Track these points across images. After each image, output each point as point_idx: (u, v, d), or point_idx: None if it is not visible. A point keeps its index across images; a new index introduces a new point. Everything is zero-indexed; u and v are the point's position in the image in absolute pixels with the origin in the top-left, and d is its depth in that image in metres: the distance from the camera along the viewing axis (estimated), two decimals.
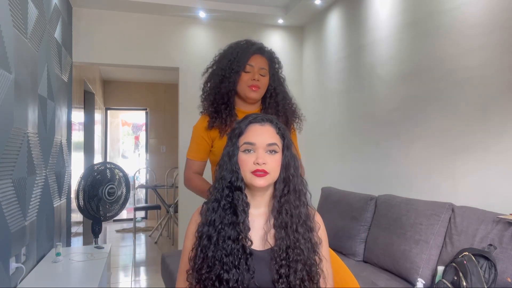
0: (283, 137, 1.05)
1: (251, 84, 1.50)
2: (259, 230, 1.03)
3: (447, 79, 2.42)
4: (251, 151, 1.00)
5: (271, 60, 1.59)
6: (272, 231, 1.02)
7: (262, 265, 0.99)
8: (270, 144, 1.00)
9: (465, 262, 1.73)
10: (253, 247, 1.00)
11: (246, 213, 1.00)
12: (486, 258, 1.71)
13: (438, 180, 2.48)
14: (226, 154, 1.03)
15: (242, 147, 1.01)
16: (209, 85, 1.60)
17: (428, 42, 2.58)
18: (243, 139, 1.01)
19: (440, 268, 1.90)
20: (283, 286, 0.96)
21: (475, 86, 2.23)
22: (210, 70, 1.63)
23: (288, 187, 1.03)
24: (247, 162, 0.99)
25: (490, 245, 1.79)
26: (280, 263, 0.98)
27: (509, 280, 1.68)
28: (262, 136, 1.01)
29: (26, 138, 2.09)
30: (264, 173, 0.98)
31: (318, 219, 1.09)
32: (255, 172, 0.98)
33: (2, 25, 1.72)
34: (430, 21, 2.57)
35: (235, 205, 1.00)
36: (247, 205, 1.01)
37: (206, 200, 1.08)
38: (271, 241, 1.02)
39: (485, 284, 1.66)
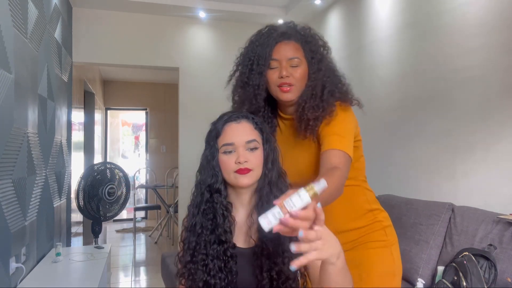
0: (261, 131, 1.03)
1: (280, 83, 1.17)
2: (242, 226, 1.02)
3: (447, 79, 2.42)
4: (232, 152, 0.98)
5: (306, 41, 1.20)
6: (255, 225, 1.01)
7: (245, 264, 0.99)
8: (249, 141, 0.98)
9: (465, 262, 1.73)
10: (238, 245, 1.00)
11: (225, 216, 0.99)
12: (486, 258, 1.71)
13: (438, 180, 2.48)
14: (205, 158, 1.01)
15: (222, 149, 0.99)
16: (237, 96, 1.28)
17: (428, 42, 2.58)
18: (221, 141, 0.99)
19: (440, 268, 1.90)
20: (265, 281, 0.96)
21: (475, 86, 2.23)
22: (234, 76, 1.30)
23: (264, 181, 1.01)
24: (228, 163, 0.98)
25: (490, 245, 1.79)
26: (260, 259, 0.97)
27: (509, 280, 1.68)
28: (239, 134, 0.99)
29: (26, 138, 2.09)
30: (247, 170, 0.97)
31: None
32: (238, 171, 0.97)
33: (2, 25, 1.72)
34: (430, 21, 2.57)
35: (215, 209, 0.99)
36: (227, 207, 1.00)
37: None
38: (254, 237, 1.01)
39: (485, 284, 1.66)
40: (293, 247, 0.72)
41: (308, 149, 1.20)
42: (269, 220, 0.76)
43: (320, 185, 0.78)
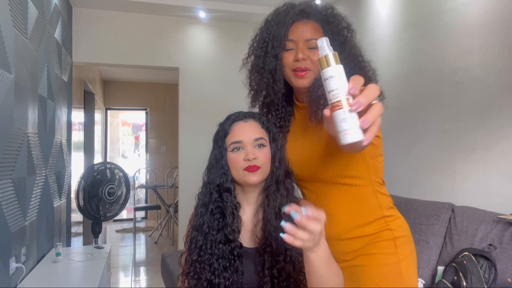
0: (268, 130, 1.04)
1: (295, 67, 1.04)
2: (248, 225, 1.03)
3: (447, 79, 2.42)
4: (240, 149, 0.99)
5: (327, 21, 1.07)
6: (260, 224, 1.02)
7: (250, 262, 0.99)
8: (257, 139, 0.99)
9: (465, 262, 1.73)
10: (243, 244, 1.00)
11: (235, 215, 0.99)
12: (486, 258, 1.71)
13: (438, 180, 2.48)
14: (213, 157, 1.02)
15: (230, 147, 1.00)
16: (253, 82, 1.16)
17: (428, 42, 2.58)
18: (229, 140, 1.00)
19: (440, 268, 1.90)
20: (267, 279, 0.96)
21: (475, 86, 2.23)
22: (249, 59, 1.16)
23: (272, 179, 1.01)
24: (237, 160, 0.98)
25: (490, 245, 1.79)
26: (263, 256, 0.97)
27: (509, 280, 1.68)
28: (247, 132, 1.00)
29: (26, 138, 2.09)
30: (256, 168, 0.97)
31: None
32: (247, 169, 0.97)
33: (2, 25, 1.72)
34: (430, 21, 2.57)
35: (224, 207, 0.99)
36: (236, 207, 1.01)
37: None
38: (259, 235, 1.01)
39: (485, 284, 1.66)
40: (283, 223, 0.75)
41: (320, 139, 1.04)
42: (353, 130, 0.59)
43: (322, 44, 0.63)
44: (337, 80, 0.61)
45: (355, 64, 1.05)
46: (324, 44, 0.63)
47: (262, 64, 1.08)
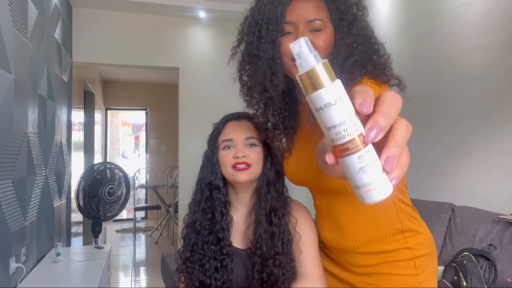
0: None
1: None
2: (240, 226, 1.02)
3: (447, 79, 2.42)
4: (231, 147, 0.99)
5: None
6: (253, 226, 1.00)
7: (240, 264, 0.99)
8: (248, 138, 0.99)
9: (465, 262, 1.73)
10: (234, 245, 1.00)
11: (224, 213, 0.99)
12: (486, 258, 1.71)
13: (438, 180, 2.48)
14: (206, 156, 1.03)
15: (221, 145, 1.00)
16: (245, 76, 0.98)
17: (428, 42, 2.58)
18: (221, 138, 1.01)
19: (440, 268, 1.90)
20: (257, 282, 0.96)
21: (475, 86, 2.23)
22: (239, 49, 0.99)
23: (263, 181, 1.00)
24: (227, 158, 0.98)
25: (490, 245, 1.79)
26: (252, 259, 0.97)
27: (509, 280, 1.68)
28: (239, 131, 1.00)
29: (26, 138, 2.09)
30: (246, 165, 0.96)
31: (297, 213, 1.01)
32: (235, 167, 0.96)
33: (2, 25, 1.72)
34: (430, 21, 2.57)
35: (213, 205, 0.99)
36: (225, 205, 1.00)
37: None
38: (251, 237, 1.00)
39: (485, 284, 1.66)
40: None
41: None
42: (378, 182, 0.36)
43: (300, 49, 0.36)
44: (339, 107, 0.35)
45: (367, 47, 0.90)
46: (303, 49, 0.36)
47: (256, 51, 0.90)
